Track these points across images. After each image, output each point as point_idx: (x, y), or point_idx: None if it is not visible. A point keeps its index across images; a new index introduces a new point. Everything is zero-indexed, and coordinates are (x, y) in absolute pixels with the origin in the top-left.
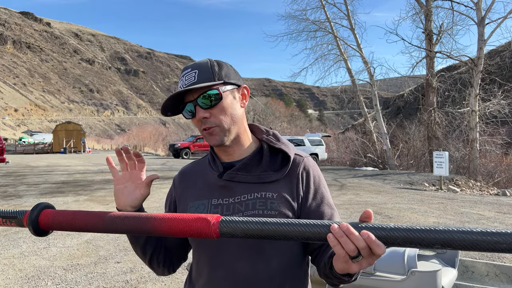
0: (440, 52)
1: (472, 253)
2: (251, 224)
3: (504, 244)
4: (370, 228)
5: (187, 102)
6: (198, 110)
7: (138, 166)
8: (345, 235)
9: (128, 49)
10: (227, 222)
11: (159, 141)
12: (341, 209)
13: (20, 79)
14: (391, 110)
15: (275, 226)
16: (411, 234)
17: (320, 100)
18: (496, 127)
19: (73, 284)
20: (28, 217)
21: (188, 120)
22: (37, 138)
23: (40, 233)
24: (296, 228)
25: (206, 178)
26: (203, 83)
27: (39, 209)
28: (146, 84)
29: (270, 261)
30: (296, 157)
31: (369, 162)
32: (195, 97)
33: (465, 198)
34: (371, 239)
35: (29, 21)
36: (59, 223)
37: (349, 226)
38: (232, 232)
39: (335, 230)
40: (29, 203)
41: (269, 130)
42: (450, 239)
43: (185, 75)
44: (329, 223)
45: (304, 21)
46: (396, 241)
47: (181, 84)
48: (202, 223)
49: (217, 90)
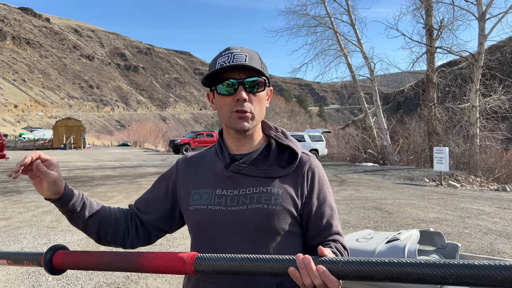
0: (441, 47)
1: (472, 248)
2: (223, 260)
3: (450, 279)
4: (325, 262)
5: (227, 78)
6: (240, 90)
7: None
8: (305, 269)
9: (128, 45)
10: (201, 259)
11: (159, 137)
12: (341, 204)
13: (19, 75)
14: (391, 106)
15: (245, 262)
16: (363, 268)
17: (320, 95)
18: (497, 123)
19: (74, 279)
20: (43, 258)
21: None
22: (37, 134)
23: (55, 272)
24: (261, 263)
25: (212, 167)
26: (258, 68)
27: (52, 252)
28: (146, 80)
29: None
30: (303, 155)
31: (369, 158)
32: (242, 77)
33: (465, 193)
34: (325, 275)
35: (28, 17)
36: (68, 264)
37: (310, 260)
38: (206, 268)
39: (298, 260)
40: (29, 199)
41: (278, 127)
42: (402, 272)
43: (233, 53)
44: (292, 258)
45: (304, 16)
46: (348, 276)
47: (228, 60)
48: (178, 262)
49: (263, 81)
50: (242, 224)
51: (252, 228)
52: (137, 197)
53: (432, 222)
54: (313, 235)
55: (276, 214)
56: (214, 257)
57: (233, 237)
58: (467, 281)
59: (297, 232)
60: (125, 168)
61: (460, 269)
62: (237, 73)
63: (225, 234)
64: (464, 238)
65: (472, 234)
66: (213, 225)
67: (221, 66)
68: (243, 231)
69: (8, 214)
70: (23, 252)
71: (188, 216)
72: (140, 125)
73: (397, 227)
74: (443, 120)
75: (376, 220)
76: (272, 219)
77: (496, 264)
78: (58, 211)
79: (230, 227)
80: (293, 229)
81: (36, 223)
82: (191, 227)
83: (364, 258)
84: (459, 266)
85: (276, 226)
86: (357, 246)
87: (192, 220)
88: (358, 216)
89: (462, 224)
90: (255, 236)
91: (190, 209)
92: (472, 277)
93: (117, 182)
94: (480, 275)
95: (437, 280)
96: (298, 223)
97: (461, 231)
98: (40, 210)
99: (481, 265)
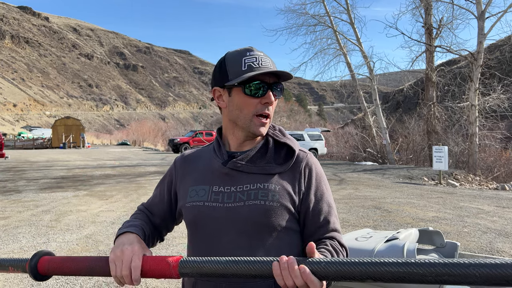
0: (440, 46)
1: (471, 247)
2: (208, 263)
3: (430, 277)
4: (307, 263)
5: (257, 80)
6: (270, 94)
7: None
8: (288, 269)
9: (127, 44)
10: (186, 263)
11: (158, 136)
12: (340, 203)
13: (18, 74)
14: (390, 105)
15: (228, 265)
16: (343, 268)
17: (319, 94)
18: (496, 122)
19: (73, 278)
20: (28, 265)
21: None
22: (36, 133)
23: (40, 278)
24: (245, 265)
25: (209, 164)
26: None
27: (37, 258)
28: (145, 79)
29: (268, 255)
30: (300, 152)
31: (368, 157)
32: (271, 81)
33: (464, 192)
34: (306, 275)
35: (27, 16)
36: (53, 269)
37: (294, 261)
38: (191, 271)
39: (282, 261)
40: (28, 198)
41: (275, 125)
42: (383, 271)
43: (259, 56)
44: (276, 259)
45: (303, 15)
46: (329, 276)
47: (257, 62)
48: (164, 266)
49: (283, 88)
50: (239, 220)
51: (249, 224)
52: (136, 196)
53: (431, 221)
54: (310, 232)
55: (273, 210)
56: (199, 260)
57: (229, 233)
58: (446, 279)
59: (294, 229)
60: (125, 167)
61: (438, 267)
62: (267, 77)
63: (222, 230)
64: (463, 237)
65: (471, 233)
66: (209, 221)
67: (252, 68)
68: (240, 227)
69: (7, 213)
70: (8, 258)
71: (185, 212)
72: (140, 124)
73: (396, 226)
74: (442, 119)
75: (375, 219)
76: (269, 215)
77: (478, 262)
78: (57, 210)
79: (226, 224)
80: (291, 225)
81: (35, 222)
82: (188, 224)
83: (347, 259)
84: (438, 265)
85: (273, 222)
86: (356, 245)
87: (188, 216)
88: (357, 215)
89: (461, 223)
90: (252, 232)
91: (187, 205)
92: (451, 275)
93: (116, 181)
94: (461, 274)
95: (416, 278)
96: (295, 220)
97: (460, 230)
98: (39, 209)
99: (459, 264)
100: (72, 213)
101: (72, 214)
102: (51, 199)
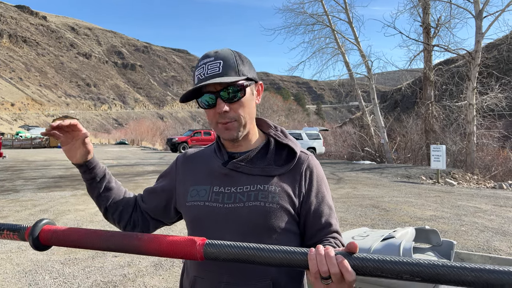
0: (438, 45)
1: (469, 245)
2: (234, 248)
3: (470, 277)
4: (346, 255)
5: (206, 92)
6: (219, 103)
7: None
8: (323, 255)
9: (125, 43)
10: (212, 245)
11: (157, 135)
12: (338, 202)
13: (16, 73)
14: (388, 104)
15: (257, 252)
16: (383, 265)
17: (318, 94)
18: (493, 121)
19: (71, 278)
20: (29, 232)
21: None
22: (34, 132)
23: (41, 247)
24: (277, 254)
25: (210, 164)
26: (230, 77)
27: (41, 225)
28: (143, 78)
29: None
30: (301, 154)
31: (366, 156)
32: (218, 89)
33: (462, 191)
34: (344, 264)
35: (25, 15)
36: (57, 238)
37: (331, 250)
38: (216, 255)
39: (319, 248)
40: (26, 197)
41: (278, 126)
42: (419, 271)
43: (207, 63)
44: (307, 251)
45: (301, 15)
46: (366, 270)
47: (203, 73)
48: (189, 246)
49: (242, 85)
50: (239, 221)
51: (248, 226)
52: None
53: (429, 219)
54: (311, 234)
55: (273, 212)
56: (224, 244)
57: (229, 234)
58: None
59: (294, 231)
60: (123, 166)
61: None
62: (212, 85)
63: (221, 231)
64: (460, 235)
65: (468, 232)
66: (209, 221)
67: (199, 80)
68: (240, 228)
69: (5, 213)
70: (4, 223)
71: (186, 212)
72: (138, 123)
73: (394, 225)
74: (440, 118)
75: (373, 218)
76: (269, 217)
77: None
78: (55, 210)
79: (226, 224)
80: (290, 227)
81: (34, 222)
82: (188, 223)
83: (384, 256)
84: (484, 271)
85: (272, 224)
86: None
87: (189, 216)
88: (355, 214)
89: (458, 222)
90: (251, 234)
91: (187, 205)
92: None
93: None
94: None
95: (457, 279)
96: (295, 222)
97: (458, 229)
98: (37, 208)
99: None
100: (70, 213)
101: (70, 213)
102: (49, 199)
